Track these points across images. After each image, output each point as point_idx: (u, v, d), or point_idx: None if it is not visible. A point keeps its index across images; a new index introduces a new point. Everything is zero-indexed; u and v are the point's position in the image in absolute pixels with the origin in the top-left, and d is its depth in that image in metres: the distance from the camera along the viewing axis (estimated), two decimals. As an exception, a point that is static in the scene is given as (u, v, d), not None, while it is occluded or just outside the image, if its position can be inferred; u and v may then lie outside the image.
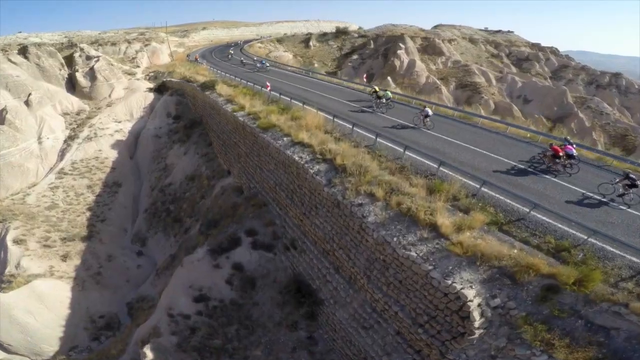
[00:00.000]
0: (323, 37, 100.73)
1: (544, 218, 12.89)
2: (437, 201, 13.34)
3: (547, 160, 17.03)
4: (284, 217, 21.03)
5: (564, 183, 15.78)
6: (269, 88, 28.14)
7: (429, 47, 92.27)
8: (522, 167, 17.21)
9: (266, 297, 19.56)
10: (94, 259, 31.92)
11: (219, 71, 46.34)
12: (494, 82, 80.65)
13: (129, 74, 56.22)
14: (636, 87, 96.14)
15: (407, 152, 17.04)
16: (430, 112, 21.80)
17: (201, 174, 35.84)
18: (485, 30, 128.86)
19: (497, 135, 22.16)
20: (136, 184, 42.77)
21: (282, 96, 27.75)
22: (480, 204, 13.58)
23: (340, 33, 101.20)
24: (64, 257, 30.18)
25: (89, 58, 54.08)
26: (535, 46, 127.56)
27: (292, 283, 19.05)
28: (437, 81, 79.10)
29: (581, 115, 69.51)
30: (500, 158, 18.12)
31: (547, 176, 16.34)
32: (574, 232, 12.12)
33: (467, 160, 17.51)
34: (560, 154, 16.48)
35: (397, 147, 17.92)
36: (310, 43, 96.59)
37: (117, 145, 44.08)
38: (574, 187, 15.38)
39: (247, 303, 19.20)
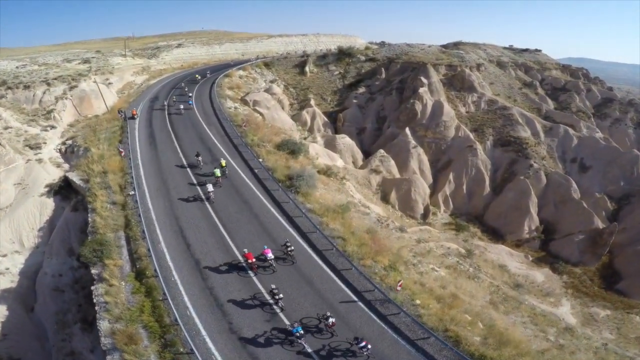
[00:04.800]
0: (322, 59, 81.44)
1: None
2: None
3: (245, 262, 18.14)
4: None
5: (255, 281, 17.35)
6: None
7: (456, 80, 73.83)
8: (240, 265, 18.25)
9: None
10: None
11: (143, 165, 28.35)
12: (541, 135, 62.89)
13: (33, 148, 37.05)
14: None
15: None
16: (210, 189, 24.12)
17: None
18: (511, 48, 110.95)
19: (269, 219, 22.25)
20: (44, 352, 25.70)
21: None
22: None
23: (344, 55, 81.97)
24: None
25: (-37, 127, 34.80)
26: (567, 69, 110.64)
27: None
28: (470, 135, 60.94)
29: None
30: (233, 248, 19.49)
31: (250, 273, 17.80)
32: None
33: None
34: (250, 260, 17.70)
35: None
36: (306, 68, 77.35)
37: (3, 298, 26.58)
38: (259, 286, 16.97)
39: None
